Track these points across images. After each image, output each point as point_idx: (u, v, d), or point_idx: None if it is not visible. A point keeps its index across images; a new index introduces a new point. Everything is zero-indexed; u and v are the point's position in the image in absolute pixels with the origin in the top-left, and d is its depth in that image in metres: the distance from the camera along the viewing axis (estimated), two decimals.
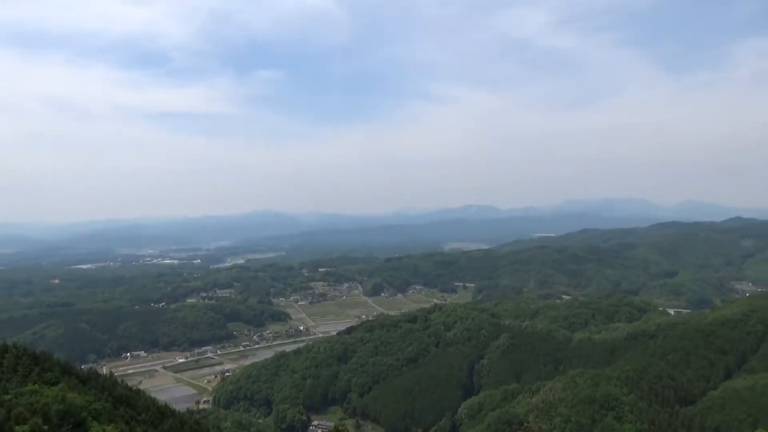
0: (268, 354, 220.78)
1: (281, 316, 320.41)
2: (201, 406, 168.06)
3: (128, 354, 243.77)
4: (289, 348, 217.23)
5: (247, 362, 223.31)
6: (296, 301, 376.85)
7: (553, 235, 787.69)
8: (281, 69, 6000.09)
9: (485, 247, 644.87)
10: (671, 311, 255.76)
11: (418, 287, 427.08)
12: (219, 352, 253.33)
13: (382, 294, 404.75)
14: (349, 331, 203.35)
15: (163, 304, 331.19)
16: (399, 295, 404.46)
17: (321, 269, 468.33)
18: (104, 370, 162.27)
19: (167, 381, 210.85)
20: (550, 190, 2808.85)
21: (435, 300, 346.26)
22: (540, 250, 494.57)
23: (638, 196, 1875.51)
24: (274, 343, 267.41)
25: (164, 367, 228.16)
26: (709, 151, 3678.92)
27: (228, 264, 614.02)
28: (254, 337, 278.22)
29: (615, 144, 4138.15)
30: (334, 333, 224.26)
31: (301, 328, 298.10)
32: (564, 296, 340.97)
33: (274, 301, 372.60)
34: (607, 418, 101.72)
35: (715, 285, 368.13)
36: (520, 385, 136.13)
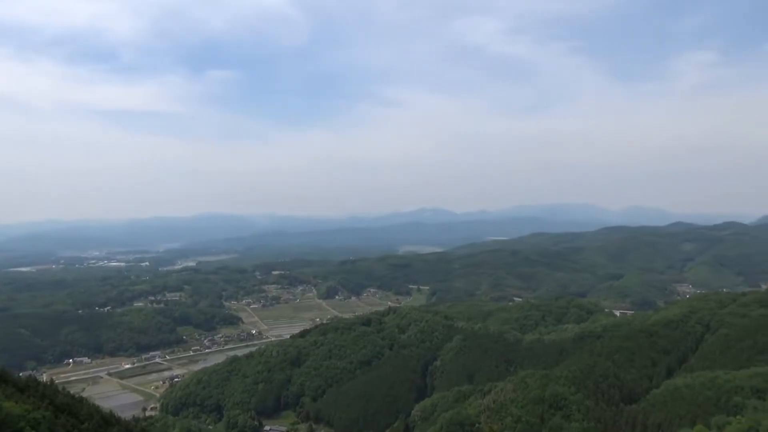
0: (219, 359, 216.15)
1: (233, 320, 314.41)
2: (148, 413, 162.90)
3: (70, 360, 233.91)
4: (241, 352, 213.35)
5: (197, 367, 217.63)
6: (249, 305, 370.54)
7: (505, 238, 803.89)
8: (236, 69, 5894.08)
9: (439, 250, 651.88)
10: (617, 312, 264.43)
11: (372, 290, 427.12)
12: (168, 357, 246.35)
13: (337, 297, 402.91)
14: (303, 334, 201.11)
15: (109, 308, 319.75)
16: (353, 298, 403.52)
17: (274, 272, 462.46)
18: (44, 378, 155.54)
19: (112, 388, 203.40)
20: (503, 194, 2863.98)
21: (389, 303, 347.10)
22: (493, 253, 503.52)
23: (587, 201, 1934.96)
24: (225, 347, 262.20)
25: (109, 374, 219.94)
26: (654, 158, 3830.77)
27: (178, 267, 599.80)
28: (205, 341, 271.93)
29: (566, 150, 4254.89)
30: (288, 336, 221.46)
31: (254, 331, 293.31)
32: (515, 298, 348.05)
33: (226, 304, 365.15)
34: (555, 418, 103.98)
35: (658, 287, 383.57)
36: (473, 386, 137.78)
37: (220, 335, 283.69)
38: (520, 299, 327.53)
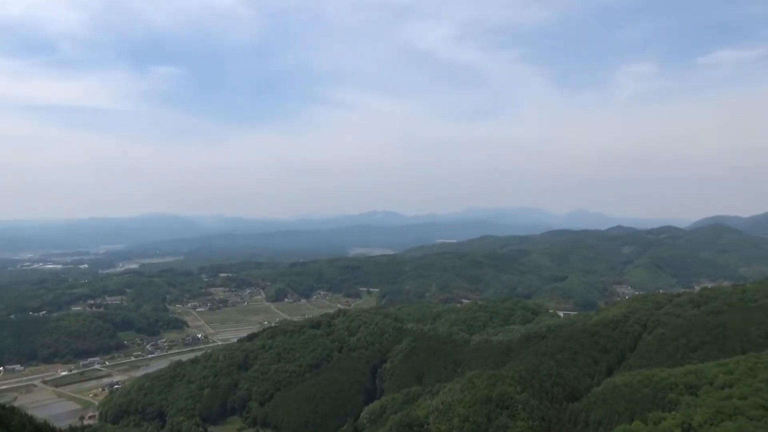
0: (162, 364, 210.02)
1: (178, 324, 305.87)
2: (86, 422, 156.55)
3: (1, 368, 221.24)
4: (185, 357, 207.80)
5: (139, 373, 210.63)
6: (194, 308, 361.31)
7: (454, 241, 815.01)
8: (182, 66, 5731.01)
9: (389, 252, 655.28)
10: (561, 313, 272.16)
11: (322, 292, 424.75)
12: (107, 363, 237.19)
13: (286, 299, 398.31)
14: (251, 337, 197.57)
15: (44, 312, 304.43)
16: (303, 301, 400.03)
17: (222, 274, 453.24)
18: None
19: (47, 396, 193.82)
20: (453, 197, 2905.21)
21: (339, 305, 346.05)
22: (442, 255, 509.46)
23: (533, 206, 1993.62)
24: (169, 352, 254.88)
25: (44, 381, 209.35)
26: (596, 164, 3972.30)
27: (119, 269, 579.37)
28: (147, 346, 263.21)
29: (514, 155, 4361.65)
30: (235, 340, 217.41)
31: (200, 335, 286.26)
32: (464, 300, 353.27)
33: (171, 308, 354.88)
34: (501, 417, 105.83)
35: (600, 288, 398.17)
36: (422, 388, 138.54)
37: (164, 340, 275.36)
38: (469, 301, 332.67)
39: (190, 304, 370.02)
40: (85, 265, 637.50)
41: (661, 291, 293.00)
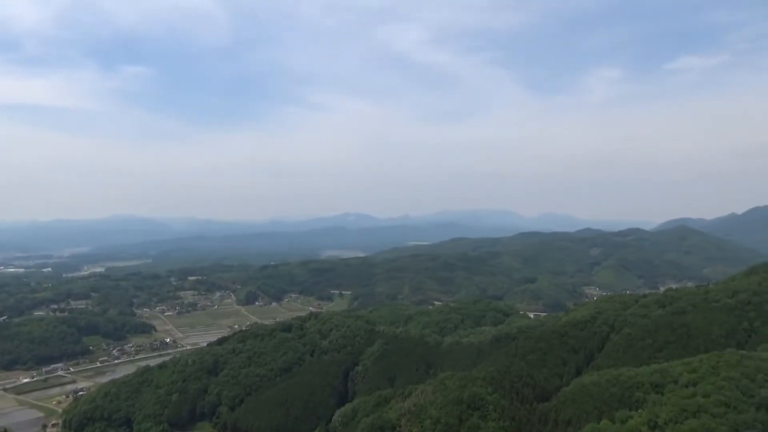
0: (129, 369, 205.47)
1: (145, 328, 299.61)
2: (49, 430, 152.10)
3: None
4: (153, 362, 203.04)
5: (104, 379, 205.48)
6: (163, 312, 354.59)
7: (426, 243, 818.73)
8: (153, 65, 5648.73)
9: (362, 254, 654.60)
10: (531, 315, 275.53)
11: (294, 295, 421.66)
12: (72, 369, 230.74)
13: (257, 303, 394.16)
14: (221, 341, 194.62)
15: (5, 318, 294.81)
16: (274, 304, 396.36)
17: (191, 277, 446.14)
18: None
19: (8, 404, 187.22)
20: (425, 200, 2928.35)
21: (311, 308, 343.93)
22: (414, 258, 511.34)
23: (504, 208, 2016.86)
24: (136, 357, 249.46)
25: (4, 389, 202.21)
26: (565, 167, 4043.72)
27: (84, 272, 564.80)
28: (114, 351, 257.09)
29: (486, 158, 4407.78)
30: (205, 344, 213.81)
31: (168, 340, 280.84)
32: (436, 302, 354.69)
33: (138, 312, 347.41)
34: (473, 418, 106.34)
35: (569, 290, 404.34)
36: (394, 390, 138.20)
37: (131, 345, 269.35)
38: (440, 303, 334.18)
39: (158, 308, 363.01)
40: (49, 269, 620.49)
41: (627, 292, 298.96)
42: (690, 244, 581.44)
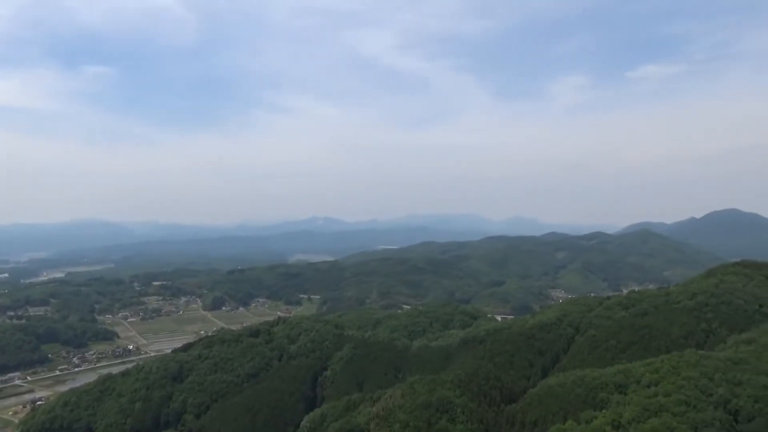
0: (90, 377, 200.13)
1: (108, 335, 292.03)
2: None
3: None
4: (116, 370, 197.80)
5: (64, 388, 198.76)
6: (126, 318, 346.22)
7: (395, 247, 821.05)
8: (116, 66, 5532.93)
9: (330, 259, 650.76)
10: (498, 317, 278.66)
11: (261, 300, 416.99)
12: (29, 378, 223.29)
13: (224, 308, 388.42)
14: (186, 348, 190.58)
15: None
16: (241, 309, 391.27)
17: (155, 283, 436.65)
18: None
19: None
20: (394, 204, 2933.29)
21: (279, 313, 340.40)
22: (383, 261, 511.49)
23: (472, 212, 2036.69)
24: (98, 365, 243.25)
25: None
26: (532, 172, 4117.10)
27: (44, 278, 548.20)
28: (74, 359, 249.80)
29: (454, 162, 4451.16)
30: (169, 351, 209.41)
31: (131, 347, 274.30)
32: (405, 306, 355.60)
33: (100, 318, 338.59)
34: (441, 421, 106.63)
35: (535, 293, 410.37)
36: (363, 394, 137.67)
37: (92, 352, 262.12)
38: (409, 307, 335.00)
39: (120, 314, 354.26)
40: (6, 275, 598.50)
41: (592, 294, 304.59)
42: (651, 247, 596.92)
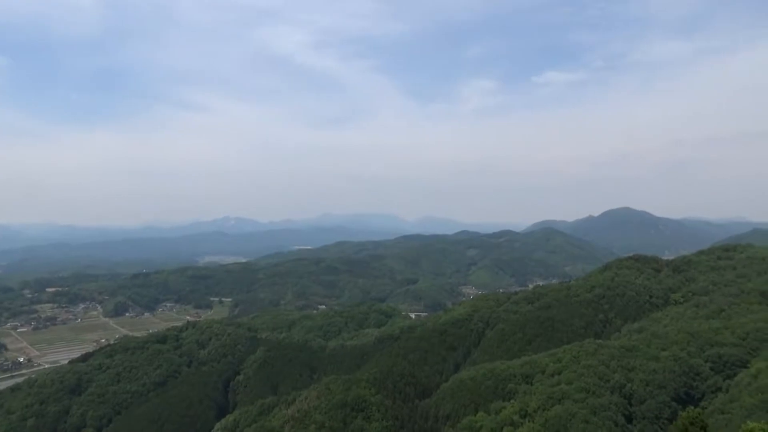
0: None
1: None
2: None
3: None
4: (4, 385, 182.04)
5: None
6: (15, 328, 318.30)
7: (310, 247, 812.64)
8: (6, 56, 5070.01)
9: (243, 260, 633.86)
10: (412, 315, 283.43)
11: (169, 305, 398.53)
12: None
13: (127, 314, 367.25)
14: (85, 358, 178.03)
15: None
16: (147, 315, 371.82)
17: (49, 289, 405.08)
18: None
19: None
20: (308, 203, 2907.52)
21: (188, 317, 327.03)
22: (298, 262, 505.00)
23: (386, 211, 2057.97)
24: None
25: None
26: (445, 173, 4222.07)
27: None
28: None
29: (369, 162, 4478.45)
30: (66, 362, 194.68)
31: (21, 359, 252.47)
32: (320, 306, 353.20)
33: None
34: (357, 420, 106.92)
35: (448, 290, 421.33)
36: (277, 398, 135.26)
37: None
38: (325, 307, 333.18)
39: (9, 324, 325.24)
40: None
41: (501, 290, 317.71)
42: (554, 244, 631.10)
